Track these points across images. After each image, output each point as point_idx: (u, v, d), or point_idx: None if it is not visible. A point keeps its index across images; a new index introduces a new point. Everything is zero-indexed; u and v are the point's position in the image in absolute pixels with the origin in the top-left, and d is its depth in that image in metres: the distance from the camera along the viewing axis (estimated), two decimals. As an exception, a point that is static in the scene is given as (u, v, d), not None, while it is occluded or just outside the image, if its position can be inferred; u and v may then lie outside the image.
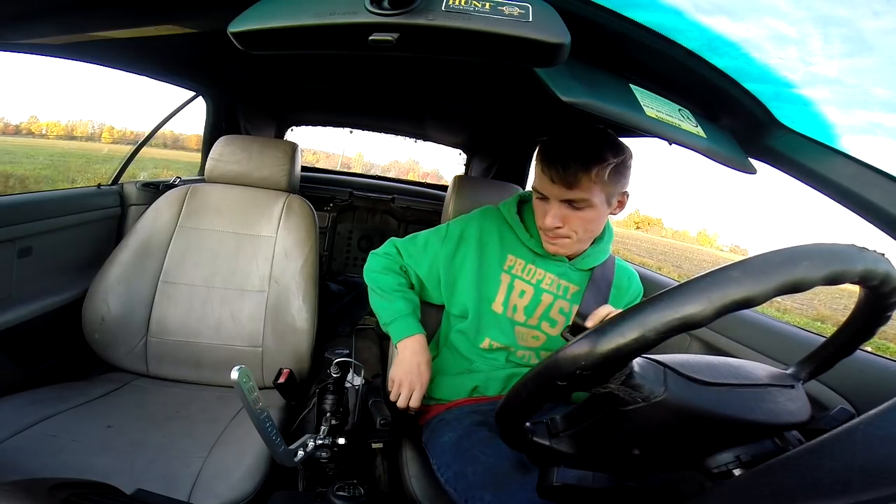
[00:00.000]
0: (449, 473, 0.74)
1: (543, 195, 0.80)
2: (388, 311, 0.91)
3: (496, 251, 0.90)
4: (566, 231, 0.81)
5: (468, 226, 0.93)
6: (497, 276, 0.89)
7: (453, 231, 0.93)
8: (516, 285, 0.89)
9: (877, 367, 0.70)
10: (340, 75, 1.47)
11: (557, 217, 0.79)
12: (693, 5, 0.48)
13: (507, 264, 0.89)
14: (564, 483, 0.41)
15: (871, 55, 0.47)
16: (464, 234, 0.93)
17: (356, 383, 0.96)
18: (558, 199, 0.78)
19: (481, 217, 0.94)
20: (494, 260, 0.90)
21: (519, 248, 0.90)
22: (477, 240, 0.91)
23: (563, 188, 0.76)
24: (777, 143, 0.68)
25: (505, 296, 0.88)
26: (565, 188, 0.76)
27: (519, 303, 0.88)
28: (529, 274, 0.89)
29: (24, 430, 0.81)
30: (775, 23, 0.47)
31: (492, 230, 0.92)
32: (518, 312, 0.88)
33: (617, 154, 0.77)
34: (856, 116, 0.56)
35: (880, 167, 0.59)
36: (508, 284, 0.89)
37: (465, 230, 0.93)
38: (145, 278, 1.14)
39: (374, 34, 0.44)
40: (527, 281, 0.89)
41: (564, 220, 0.80)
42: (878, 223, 0.59)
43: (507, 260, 0.90)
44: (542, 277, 0.89)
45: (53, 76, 22.15)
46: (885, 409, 0.32)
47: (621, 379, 0.38)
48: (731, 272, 0.32)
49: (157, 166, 3.06)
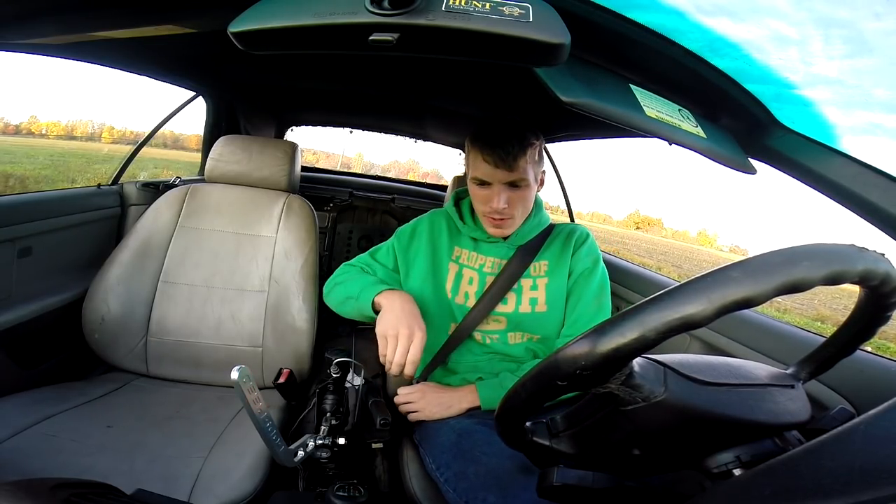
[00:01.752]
0: (449, 474, 0.74)
1: (485, 181, 0.85)
2: (356, 285, 0.87)
3: (446, 244, 0.96)
4: (511, 212, 0.86)
5: (419, 224, 1.00)
6: (446, 265, 0.95)
7: (405, 229, 1.00)
8: (464, 273, 0.94)
9: (877, 367, 0.70)
10: (340, 75, 1.47)
11: (504, 199, 0.84)
12: (694, 6, 0.48)
13: (455, 255, 0.96)
14: (564, 483, 0.41)
15: (872, 56, 0.47)
16: (416, 230, 0.99)
17: (356, 383, 0.96)
18: (502, 182, 0.83)
19: (431, 217, 1.01)
20: (444, 252, 0.96)
21: (462, 239, 0.96)
22: (428, 235, 0.97)
23: (506, 171, 0.82)
24: (777, 143, 0.68)
25: (454, 283, 0.94)
26: (507, 171, 0.82)
27: (469, 289, 0.93)
28: (472, 260, 0.95)
29: (24, 430, 0.81)
30: (776, 24, 0.47)
31: (441, 226, 0.98)
32: (470, 298, 0.93)
33: (537, 136, 0.85)
34: (856, 117, 0.56)
35: (881, 168, 0.59)
36: (457, 273, 0.95)
37: (417, 228, 0.99)
38: (145, 278, 1.14)
39: (375, 34, 0.44)
40: (471, 267, 0.95)
41: (509, 202, 0.85)
42: (878, 223, 0.59)
43: (454, 251, 0.96)
44: (483, 262, 0.94)
45: (54, 76, 22.18)
46: (885, 409, 0.32)
47: (621, 379, 0.38)
48: (731, 272, 0.32)
49: (157, 166, 3.06)
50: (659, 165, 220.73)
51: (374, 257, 0.99)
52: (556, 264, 0.93)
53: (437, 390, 0.91)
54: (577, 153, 62.36)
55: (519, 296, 0.92)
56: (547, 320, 0.91)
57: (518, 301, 0.92)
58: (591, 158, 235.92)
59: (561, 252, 0.94)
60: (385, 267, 0.97)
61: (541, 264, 0.93)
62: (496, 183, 0.84)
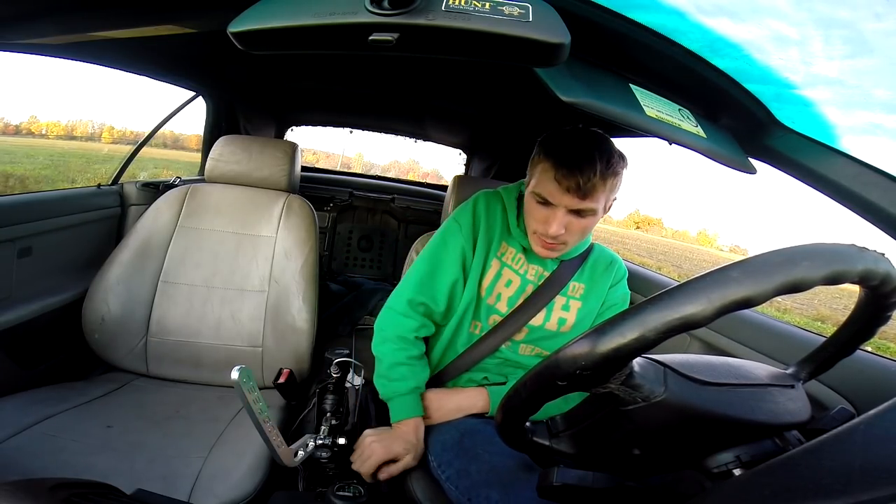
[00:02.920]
0: (451, 471, 0.74)
1: (548, 201, 0.75)
2: (388, 388, 0.85)
3: (497, 237, 0.88)
4: (565, 237, 0.78)
5: (477, 206, 0.89)
6: (490, 260, 0.87)
7: (466, 217, 0.89)
8: (504, 273, 0.87)
9: (877, 367, 0.70)
10: (340, 75, 1.47)
11: (563, 226, 0.75)
12: (695, 7, 0.48)
13: (501, 251, 0.88)
14: (564, 483, 0.41)
15: (872, 56, 0.47)
16: (475, 215, 0.88)
17: (356, 383, 0.96)
18: (567, 209, 0.75)
19: (487, 199, 0.90)
20: (494, 244, 0.87)
21: (512, 239, 0.88)
22: (486, 223, 0.88)
23: (577, 198, 0.72)
24: (777, 142, 0.68)
25: (492, 281, 0.87)
26: (579, 199, 0.72)
27: (505, 292, 0.87)
28: (519, 264, 0.88)
29: (24, 430, 0.81)
30: (777, 24, 0.47)
31: (496, 215, 0.88)
32: (501, 301, 0.87)
33: (621, 161, 0.75)
34: (856, 117, 0.56)
35: (881, 167, 0.59)
36: (497, 272, 0.87)
37: (476, 210, 0.89)
38: (145, 278, 1.14)
39: (374, 34, 0.44)
40: (515, 271, 0.87)
41: (567, 228, 0.77)
42: (878, 223, 0.59)
43: (501, 247, 0.88)
44: (528, 269, 0.88)
45: (54, 76, 22.14)
46: (885, 409, 0.32)
47: (621, 379, 0.38)
48: (730, 272, 0.32)
49: (157, 166, 3.06)
50: (659, 165, 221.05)
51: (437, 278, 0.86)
52: (592, 290, 0.89)
53: (446, 394, 0.88)
54: (577, 153, 60.70)
55: (549, 312, 0.87)
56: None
57: (547, 317, 0.87)
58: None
59: (600, 279, 0.90)
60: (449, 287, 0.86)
61: (578, 286, 0.89)
62: (560, 207, 0.74)
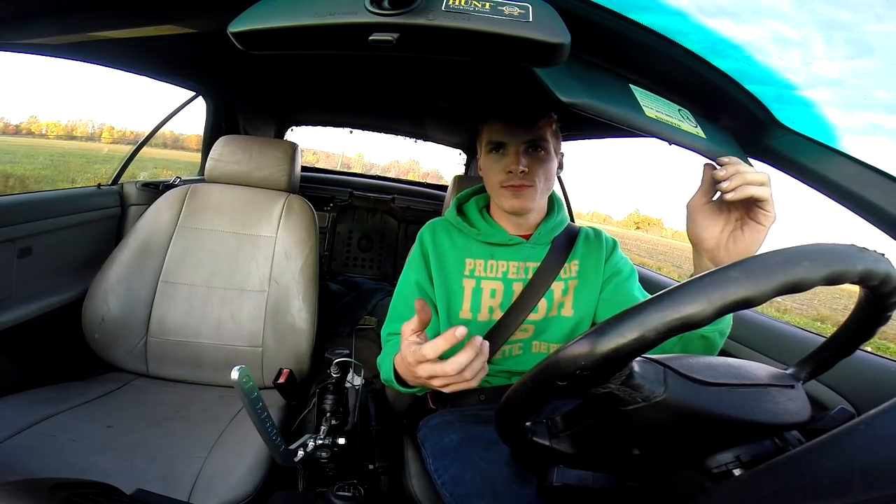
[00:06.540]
0: (446, 476, 0.73)
1: (501, 143, 0.80)
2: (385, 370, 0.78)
3: (453, 259, 0.86)
4: (531, 178, 0.79)
5: (423, 242, 0.89)
6: (459, 283, 0.85)
7: (416, 253, 0.90)
8: (483, 286, 0.84)
9: (877, 367, 0.70)
10: (340, 75, 1.47)
11: (522, 160, 0.78)
12: (697, 8, 0.48)
13: (468, 269, 0.85)
14: (564, 483, 0.41)
15: (873, 57, 0.47)
16: (423, 249, 0.88)
17: (356, 383, 0.96)
18: (520, 142, 0.79)
19: (431, 230, 0.90)
20: (453, 269, 0.85)
21: (473, 247, 0.86)
22: (435, 254, 0.87)
23: (524, 130, 0.77)
24: (777, 143, 0.68)
25: (472, 301, 0.84)
26: (525, 130, 0.77)
27: (493, 302, 0.84)
28: (492, 270, 0.85)
29: (24, 430, 0.81)
30: (778, 25, 0.47)
31: (442, 240, 0.88)
32: (496, 312, 0.84)
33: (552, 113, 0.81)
34: (857, 118, 0.56)
35: (881, 168, 0.59)
36: (474, 289, 0.84)
37: (423, 247, 0.88)
38: (145, 278, 1.14)
39: (374, 34, 0.44)
40: (492, 278, 0.85)
41: (529, 167, 0.79)
42: (878, 223, 0.59)
43: (465, 265, 0.85)
44: (505, 269, 0.85)
45: (54, 76, 22.16)
46: (885, 409, 0.32)
47: (621, 379, 0.38)
48: (731, 272, 0.32)
49: (157, 166, 3.06)
50: (659, 165, 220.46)
51: (407, 314, 0.75)
52: (587, 266, 0.86)
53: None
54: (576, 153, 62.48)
55: (550, 301, 0.84)
56: (570, 325, 0.84)
57: (549, 307, 0.84)
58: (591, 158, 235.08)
59: (591, 254, 0.87)
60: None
61: (572, 265, 0.86)
62: (514, 143, 0.78)
